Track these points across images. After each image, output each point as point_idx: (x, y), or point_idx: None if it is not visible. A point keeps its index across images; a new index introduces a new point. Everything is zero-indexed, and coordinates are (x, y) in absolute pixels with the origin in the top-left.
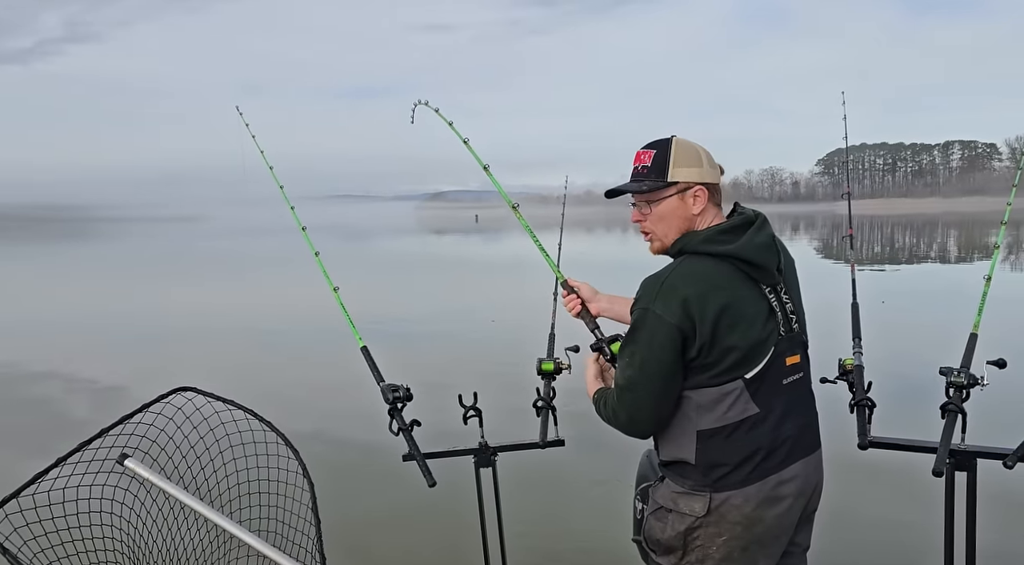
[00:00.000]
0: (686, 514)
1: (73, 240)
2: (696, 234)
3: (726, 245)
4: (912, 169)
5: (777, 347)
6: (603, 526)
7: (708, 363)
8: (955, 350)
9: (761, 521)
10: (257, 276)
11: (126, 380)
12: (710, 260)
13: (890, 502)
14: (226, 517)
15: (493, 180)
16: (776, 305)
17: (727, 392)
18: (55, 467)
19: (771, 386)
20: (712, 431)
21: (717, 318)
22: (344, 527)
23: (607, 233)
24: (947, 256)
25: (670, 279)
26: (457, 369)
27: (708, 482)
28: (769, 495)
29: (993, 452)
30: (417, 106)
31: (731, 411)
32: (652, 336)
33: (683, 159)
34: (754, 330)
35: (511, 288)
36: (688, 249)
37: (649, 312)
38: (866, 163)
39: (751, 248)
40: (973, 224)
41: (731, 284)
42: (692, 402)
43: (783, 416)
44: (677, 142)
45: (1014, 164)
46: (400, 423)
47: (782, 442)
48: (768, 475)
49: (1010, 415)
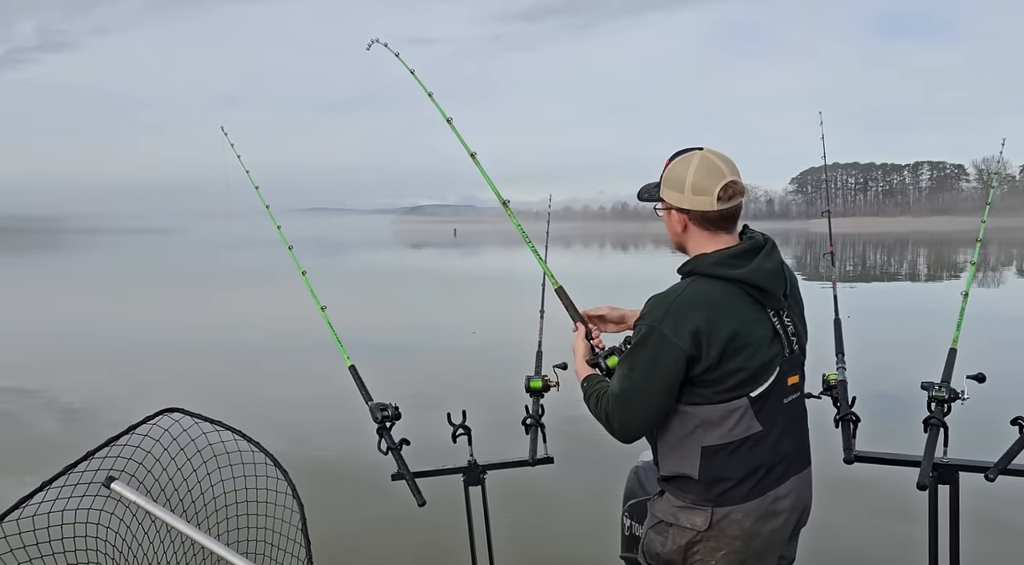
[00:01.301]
0: (687, 528)
1: (44, 251)
2: (707, 256)
3: (736, 270)
4: (883, 188)
5: (781, 368)
6: (592, 544)
7: (711, 380)
8: (935, 365)
9: (759, 535)
10: (237, 291)
11: (106, 399)
12: (720, 284)
13: (875, 515)
14: (215, 539)
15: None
16: (779, 328)
17: (733, 409)
18: (40, 491)
19: (774, 405)
20: (717, 447)
21: (725, 345)
22: (334, 548)
23: (584, 249)
24: (921, 273)
25: (680, 301)
26: (445, 386)
27: (710, 497)
28: (767, 510)
29: (975, 465)
30: (374, 44)
31: (736, 428)
32: (656, 355)
33: (670, 181)
34: (760, 353)
35: (495, 303)
36: (698, 271)
37: (656, 331)
38: (839, 182)
39: (760, 274)
40: (943, 243)
41: (739, 309)
42: (696, 418)
43: (783, 434)
44: (680, 160)
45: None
46: (389, 442)
47: (780, 459)
48: (767, 491)
49: (990, 429)
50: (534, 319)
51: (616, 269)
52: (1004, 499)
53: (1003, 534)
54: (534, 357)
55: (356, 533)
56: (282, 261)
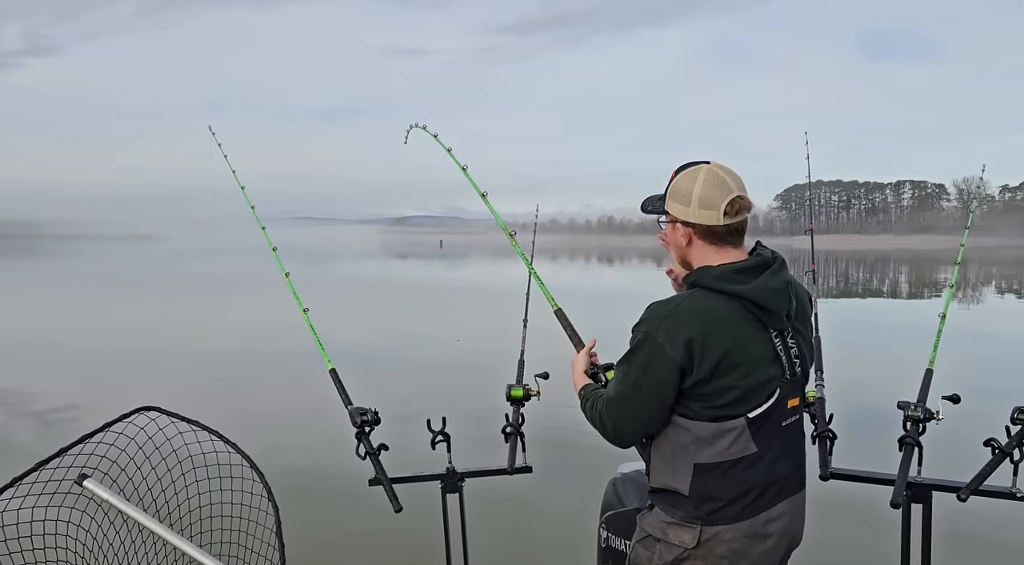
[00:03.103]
0: (675, 545)
1: (24, 257)
2: (711, 270)
3: (739, 285)
4: (866, 207)
5: (781, 390)
6: (568, 554)
7: (702, 395)
8: (912, 384)
9: (747, 556)
10: (218, 298)
11: (81, 403)
12: (720, 298)
13: (849, 532)
14: (187, 540)
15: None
16: (781, 350)
17: (728, 429)
18: (10, 487)
19: (772, 427)
20: (710, 466)
21: (718, 361)
22: (309, 552)
23: (570, 262)
24: (902, 292)
25: (677, 310)
26: (425, 393)
27: (700, 514)
28: (758, 532)
29: (948, 485)
30: (412, 129)
31: (732, 448)
32: (650, 361)
33: (675, 193)
34: (755, 373)
35: (479, 313)
36: (701, 283)
37: (650, 338)
38: (822, 199)
39: (764, 292)
40: (924, 261)
41: (737, 326)
42: (691, 434)
43: (778, 456)
44: (688, 173)
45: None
46: (367, 447)
47: (774, 481)
48: (759, 513)
49: (964, 449)
50: (517, 329)
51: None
52: (976, 519)
53: (974, 553)
54: (516, 366)
55: (331, 538)
56: (265, 269)
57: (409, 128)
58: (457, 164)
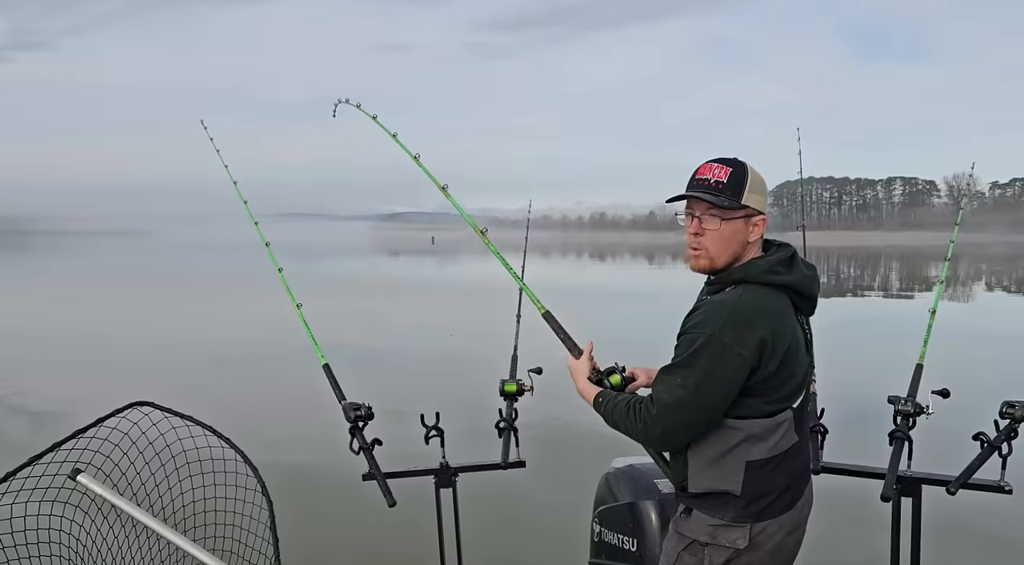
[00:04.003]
0: (726, 547)
1: (12, 254)
2: (758, 264)
3: (783, 276)
4: (857, 203)
5: (807, 375)
6: (561, 548)
7: (766, 389)
8: (902, 379)
9: (786, 547)
10: (208, 293)
11: (73, 399)
12: (772, 291)
13: (840, 526)
14: (181, 535)
15: (454, 203)
16: (808, 335)
17: (779, 422)
18: (3, 482)
19: (804, 414)
20: (763, 462)
21: (783, 357)
22: (302, 546)
23: (562, 258)
24: (893, 287)
25: (740, 309)
26: (419, 389)
27: (751, 512)
28: (796, 521)
29: (938, 479)
30: (339, 104)
31: (782, 440)
32: (716, 364)
33: (756, 185)
34: (802, 362)
35: (472, 308)
36: (749, 278)
37: (715, 339)
38: (814, 196)
39: (805, 280)
40: (915, 257)
41: (790, 317)
42: (742, 432)
43: (806, 443)
44: (750, 167)
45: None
46: (361, 442)
47: (805, 467)
48: (797, 501)
49: (953, 443)
50: (510, 324)
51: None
52: (965, 511)
53: (964, 546)
54: (509, 361)
55: (325, 532)
56: (257, 265)
57: (336, 103)
58: (408, 153)
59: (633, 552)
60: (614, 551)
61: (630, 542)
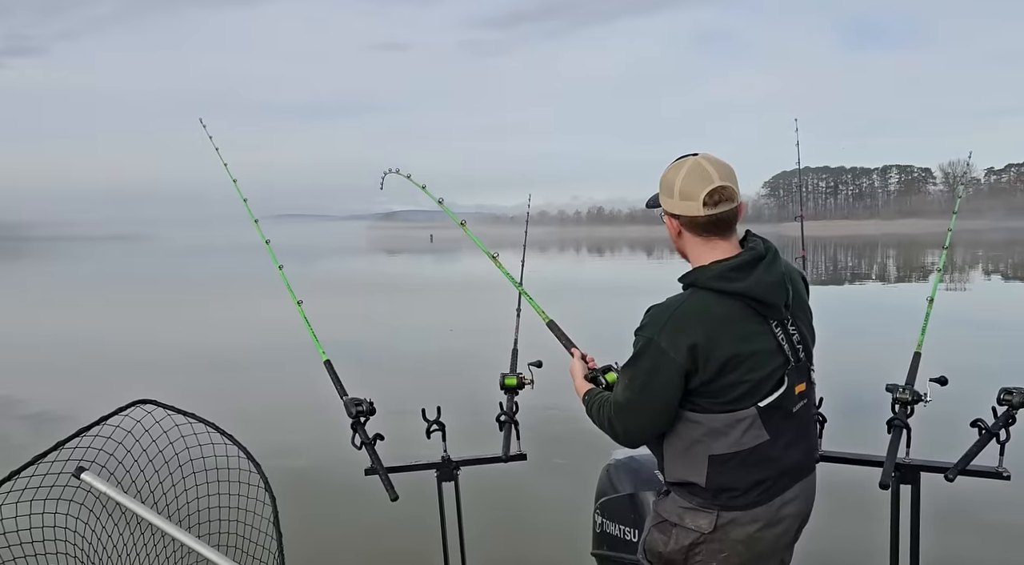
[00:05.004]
0: (691, 529)
1: (9, 260)
2: (707, 269)
3: (736, 283)
4: (853, 192)
5: (788, 378)
6: (563, 540)
7: (710, 392)
8: (900, 368)
9: (762, 540)
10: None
11: (75, 400)
12: (719, 298)
13: (838, 514)
14: (185, 531)
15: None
16: (783, 339)
17: (740, 419)
18: (8, 481)
19: (783, 414)
20: (726, 456)
21: (723, 364)
22: (306, 541)
23: (560, 253)
24: (890, 276)
25: (679, 314)
26: (420, 384)
27: (718, 502)
28: (773, 517)
29: (936, 466)
30: (387, 175)
31: (745, 437)
32: (654, 367)
33: (663, 186)
34: (761, 367)
35: (471, 303)
36: (698, 284)
37: (653, 343)
38: (810, 185)
39: (762, 287)
40: (911, 245)
41: (738, 325)
42: (703, 427)
43: (791, 442)
44: (673, 166)
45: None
46: (363, 437)
47: (788, 466)
48: (774, 498)
49: (951, 430)
50: (510, 318)
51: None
52: (964, 498)
53: (962, 532)
54: (509, 355)
55: (328, 527)
56: (256, 265)
57: (384, 173)
58: (433, 199)
59: (634, 542)
60: (616, 542)
61: (631, 533)
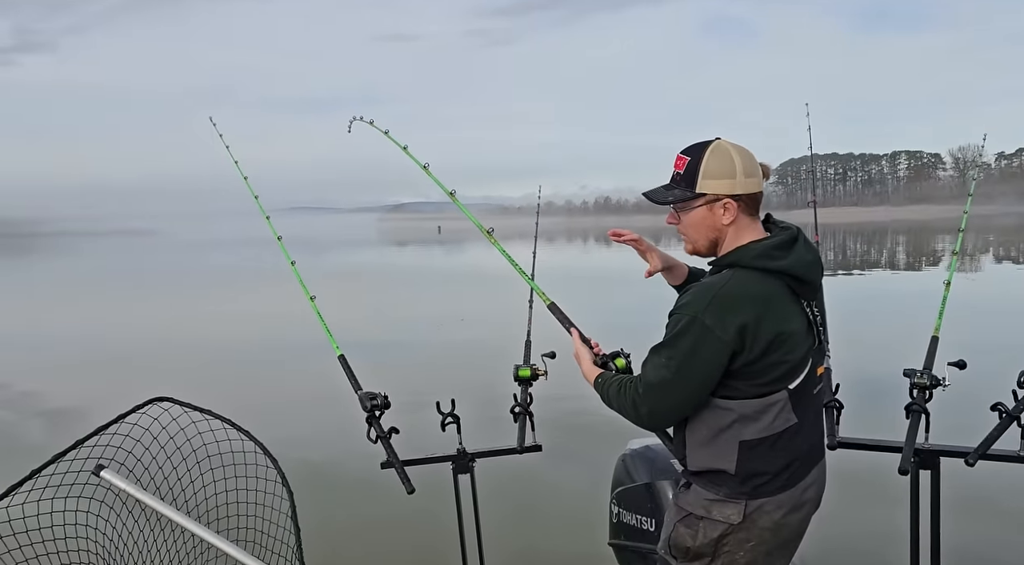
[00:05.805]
0: (719, 521)
1: (20, 256)
2: (748, 249)
3: (779, 261)
4: (862, 178)
5: (813, 359)
6: (580, 530)
7: (751, 372)
8: (918, 352)
9: (787, 526)
10: (221, 289)
11: (91, 398)
12: (763, 276)
13: (857, 500)
14: (205, 527)
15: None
16: (812, 319)
17: (772, 403)
18: (29, 479)
19: (807, 396)
20: (756, 441)
21: (769, 343)
22: (323, 535)
23: (568, 243)
24: (902, 262)
25: (723, 293)
26: (434, 377)
27: (746, 490)
28: (797, 501)
29: (955, 450)
30: (354, 121)
31: (776, 421)
32: (697, 346)
33: (714, 170)
34: (799, 347)
35: (483, 295)
36: (741, 263)
37: (697, 321)
38: (818, 172)
39: (802, 265)
40: (922, 231)
41: (783, 304)
42: (734, 413)
43: (812, 424)
44: (712, 150)
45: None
46: (378, 431)
47: (809, 449)
48: (798, 482)
49: (970, 414)
50: (523, 309)
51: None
52: (984, 483)
53: (983, 517)
54: (523, 347)
55: (346, 521)
56: (267, 259)
57: (351, 120)
58: (417, 163)
59: (651, 532)
60: (633, 532)
61: (648, 522)
